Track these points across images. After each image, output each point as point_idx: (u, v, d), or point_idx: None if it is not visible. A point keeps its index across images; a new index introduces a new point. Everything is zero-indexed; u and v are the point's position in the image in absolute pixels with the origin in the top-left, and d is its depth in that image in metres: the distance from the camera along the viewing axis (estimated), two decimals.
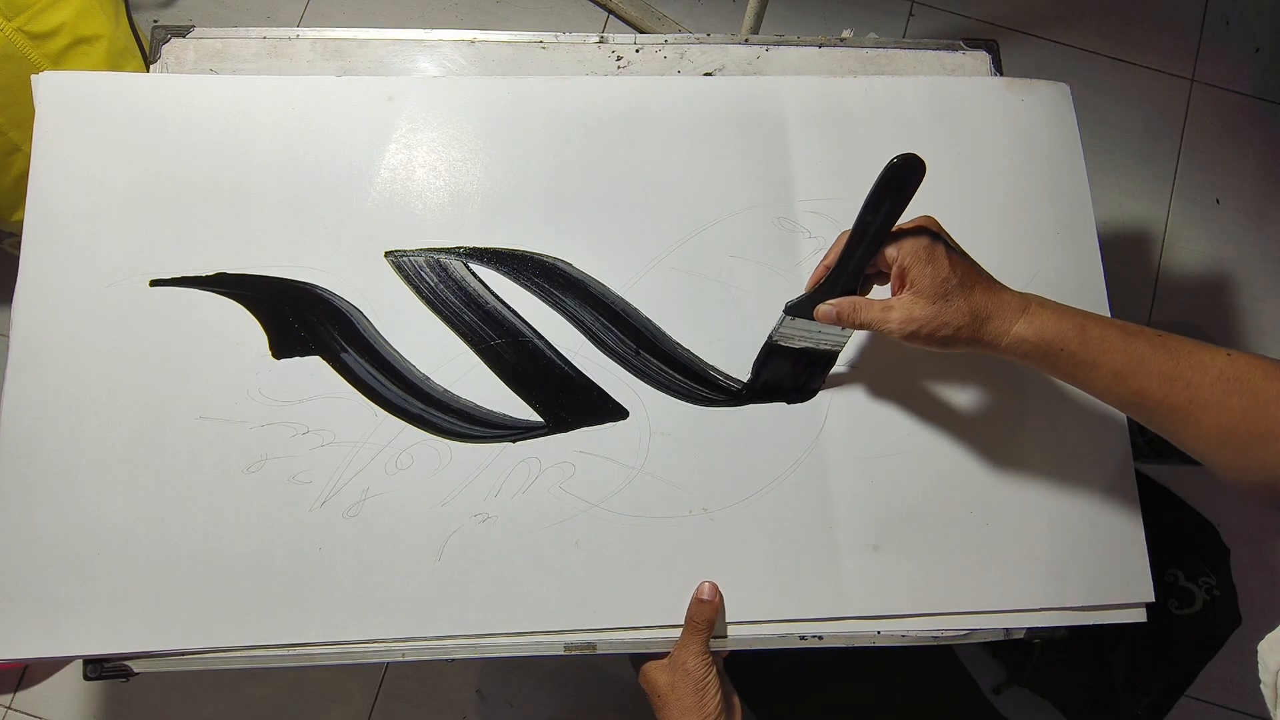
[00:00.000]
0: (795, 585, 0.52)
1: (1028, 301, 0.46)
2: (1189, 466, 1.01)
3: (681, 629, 0.51)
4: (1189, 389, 0.42)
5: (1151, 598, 0.54)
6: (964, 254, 0.48)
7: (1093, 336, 0.44)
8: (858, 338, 0.56)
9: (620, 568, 0.52)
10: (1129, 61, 1.28)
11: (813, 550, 0.53)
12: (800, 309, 0.51)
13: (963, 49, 0.64)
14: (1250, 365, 0.42)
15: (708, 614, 0.51)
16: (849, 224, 0.58)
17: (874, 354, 0.56)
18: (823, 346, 0.53)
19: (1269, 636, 0.32)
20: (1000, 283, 0.47)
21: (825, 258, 0.51)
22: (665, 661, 0.52)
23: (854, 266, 0.48)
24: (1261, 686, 0.32)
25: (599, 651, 0.52)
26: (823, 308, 0.50)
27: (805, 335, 0.52)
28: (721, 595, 0.52)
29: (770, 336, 0.53)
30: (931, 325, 0.46)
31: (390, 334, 0.54)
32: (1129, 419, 0.57)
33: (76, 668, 0.51)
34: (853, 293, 0.50)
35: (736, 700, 0.52)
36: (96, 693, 1.00)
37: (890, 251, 0.48)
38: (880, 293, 0.51)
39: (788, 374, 0.54)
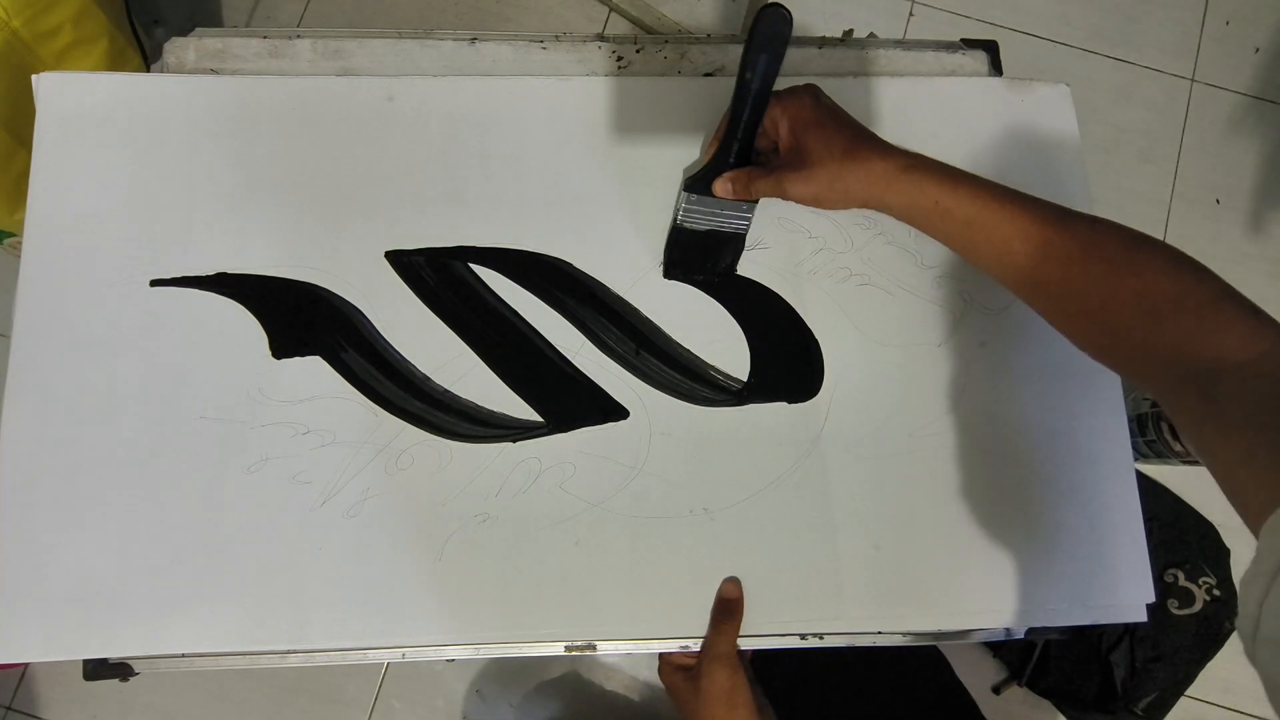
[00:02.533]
0: (795, 585, 0.52)
1: (905, 162, 0.46)
2: (1189, 466, 1.02)
3: (708, 628, 0.51)
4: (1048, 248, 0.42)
5: (1152, 597, 0.54)
6: (848, 117, 0.48)
7: (961, 198, 0.44)
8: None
9: (621, 568, 0.52)
10: (1129, 61, 1.28)
11: (813, 550, 0.53)
12: (697, 185, 0.50)
13: (962, 49, 0.64)
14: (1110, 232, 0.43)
15: (735, 613, 0.51)
16: (849, 224, 0.58)
17: (874, 354, 0.56)
18: (727, 229, 0.52)
19: (1249, 571, 0.32)
20: (882, 143, 0.47)
21: (717, 131, 0.50)
22: (692, 663, 0.52)
23: (743, 134, 0.48)
24: (1239, 620, 0.31)
25: (599, 652, 0.52)
26: (719, 183, 0.50)
27: (708, 216, 0.51)
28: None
29: (674, 218, 0.53)
30: (824, 193, 0.47)
31: (391, 334, 0.54)
32: (1129, 419, 0.57)
33: (76, 667, 0.51)
34: (748, 164, 0.49)
35: (767, 705, 0.52)
36: (96, 693, 1.00)
37: (776, 114, 0.48)
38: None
39: (698, 258, 0.54)
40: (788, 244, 0.58)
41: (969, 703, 0.68)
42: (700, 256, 0.54)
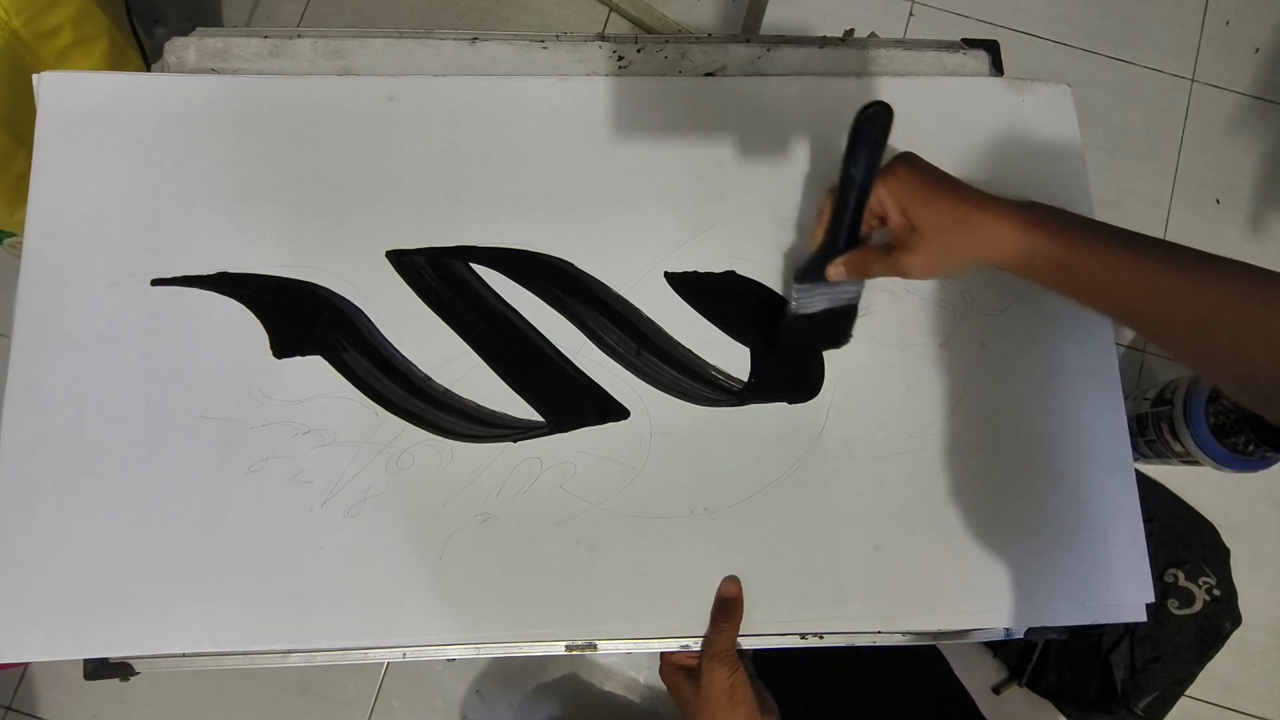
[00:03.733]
0: (795, 584, 0.52)
1: (1022, 222, 0.44)
2: (1189, 466, 1.02)
3: (708, 627, 0.51)
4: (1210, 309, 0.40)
5: (1152, 597, 0.54)
6: (952, 181, 0.47)
7: (1082, 254, 0.43)
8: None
9: (621, 567, 0.52)
10: (1129, 61, 1.28)
11: (813, 550, 0.53)
12: (810, 273, 0.50)
13: (963, 49, 0.64)
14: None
15: (735, 612, 0.51)
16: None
17: (875, 354, 0.56)
18: (841, 302, 0.53)
19: None
20: (993, 202, 0.46)
21: (820, 219, 0.50)
22: (693, 662, 0.52)
23: (850, 220, 0.48)
24: None
25: (599, 651, 0.52)
26: (832, 267, 0.50)
27: (821, 297, 0.52)
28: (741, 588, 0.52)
29: (788, 307, 0.53)
30: (943, 267, 0.47)
31: (391, 333, 0.54)
32: (1129, 419, 0.57)
33: (76, 667, 0.51)
34: (855, 244, 0.49)
35: (770, 699, 0.52)
36: (96, 693, 1.00)
37: (882, 194, 0.47)
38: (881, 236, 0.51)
39: (813, 335, 0.55)
40: (789, 244, 0.57)
41: (969, 703, 0.68)
42: (815, 334, 0.54)
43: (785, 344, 0.55)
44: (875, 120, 0.45)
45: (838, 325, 0.54)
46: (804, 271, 0.51)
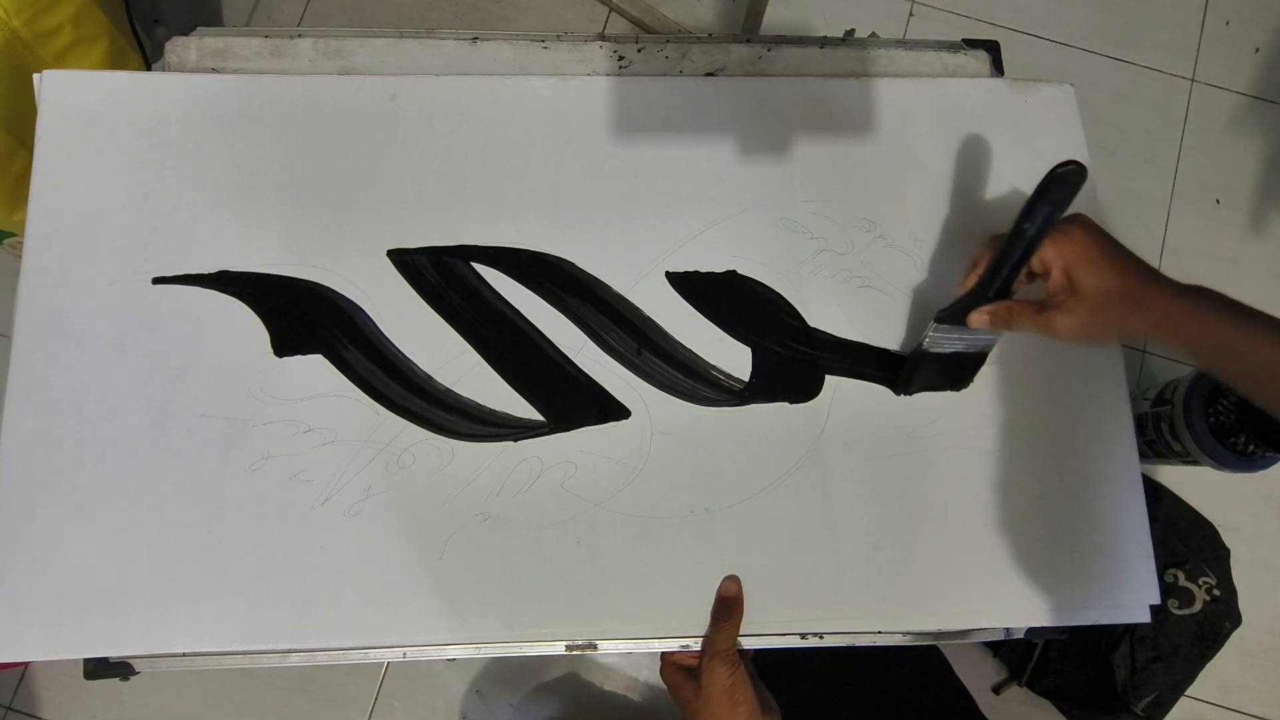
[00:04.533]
0: (795, 584, 0.52)
1: (1188, 305, 0.44)
2: (1189, 466, 1.02)
3: (708, 627, 0.51)
4: None
5: (1157, 598, 0.54)
6: (1124, 252, 0.46)
7: (1253, 343, 0.42)
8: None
9: (621, 567, 0.52)
10: (1129, 61, 1.28)
11: (813, 549, 0.53)
12: (953, 316, 0.50)
13: (963, 49, 0.64)
14: None
15: (735, 611, 0.51)
16: (850, 225, 0.58)
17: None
18: (974, 349, 0.52)
19: None
20: (1161, 280, 0.45)
21: (976, 263, 0.50)
22: (693, 662, 0.52)
23: (1009, 273, 0.48)
24: None
25: (600, 651, 0.52)
26: (977, 315, 0.49)
27: (956, 340, 0.51)
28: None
29: (921, 344, 0.52)
30: (1099, 335, 0.46)
31: (392, 332, 0.54)
32: (1133, 418, 0.57)
33: (76, 667, 0.51)
34: (1005, 295, 0.49)
35: (771, 698, 0.52)
36: (96, 693, 1.00)
37: (1049, 252, 0.47)
38: (1030, 289, 0.51)
39: (938, 378, 0.54)
40: (789, 245, 0.58)
41: (970, 702, 0.68)
42: (939, 375, 0.54)
43: (908, 379, 0.54)
44: (1067, 181, 0.44)
45: (963, 370, 0.54)
46: (947, 313, 0.50)
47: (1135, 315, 0.45)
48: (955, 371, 0.54)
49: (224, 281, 0.54)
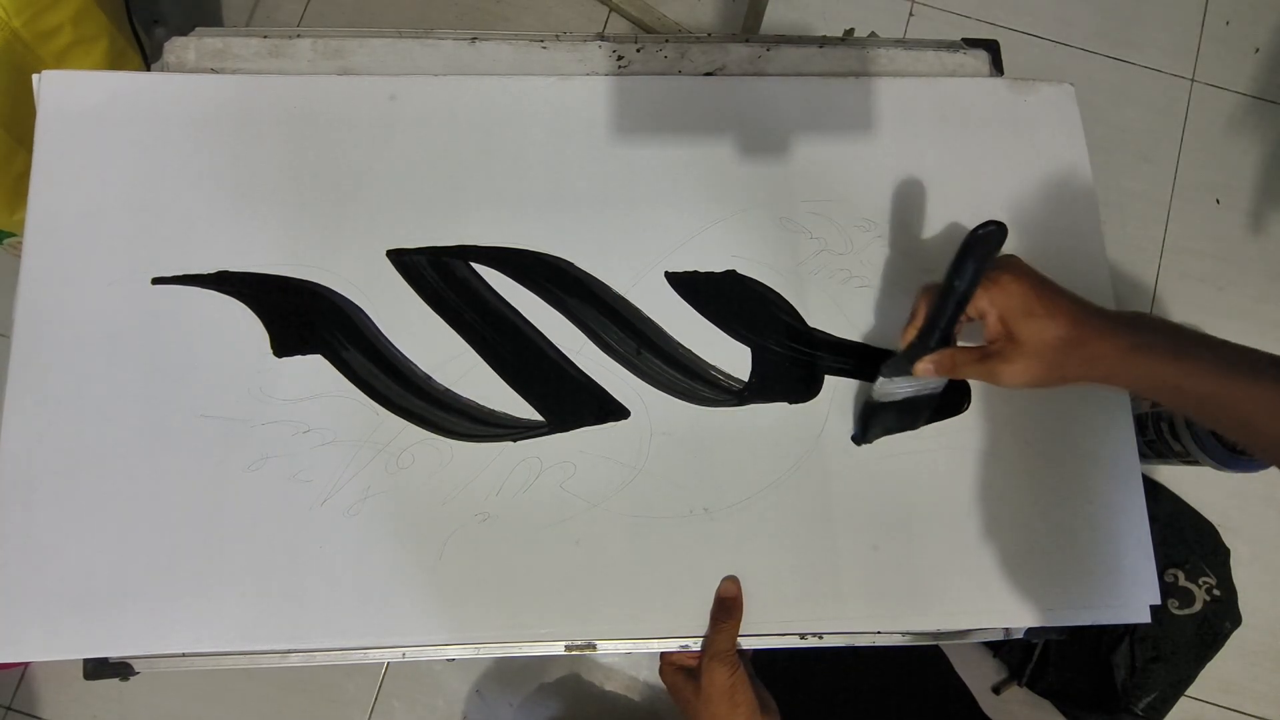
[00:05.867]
0: (795, 585, 0.52)
1: (1124, 345, 0.44)
2: (1189, 466, 1.02)
3: (707, 627, 0.51)
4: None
5: (1157, 599, 0.54)
6: (1057, 294, 0.47)
7: (1193, 377, 0.42)
8: None
9: (621, 567, 0.52)
10: (1129, 61, 1.28)
11: (812, 550, 0.53)
12: (898, 368, 0.50)
13: (963, 49, 0.64)
14: None
15: (734, 612, 0.51)
16: (850, 225, 0.58)
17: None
18: (924, 393, 0.53)
19: None
20: (1101, 319, 0.45)
21: (914, 315, 0.50)
22: (693, 663, 0.52)
23: (945, 325, 0.48)
24: None
25: (599, 651, 0.52)
26: (921, 365, 0.49)
27: (905, 389, 0.52)
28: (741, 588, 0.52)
29: (871, 396, 0.53)
30: (1041, 380, 0.46)
31: (392, 333, 0.54)
32: (1133, 418, 0.57)
33: (76, 667, 0.51)
34: (947, 343, 0.49)
35: (771, 699, 0.52)
36: (96, 693, 1.00)
37: (983, 301, 0.47)
38: (971, 330, 0.51)
39: (893, 422, 0.54)
40: (789, 245, 0.58)
41: (971, 702, 0.68)
42: (893, 420, 0.54)
43: (863, 429, 0.54)
44: (988, 241, 0.45)
45: (915, 412, 0.54)
46: (891, 366, 0.50)
47: (1074, 361, 0.45)
48: (909, 415, 0.54)
49: (223, 282, 0.54)
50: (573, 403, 0.54)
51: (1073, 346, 0.45)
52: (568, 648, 0.51)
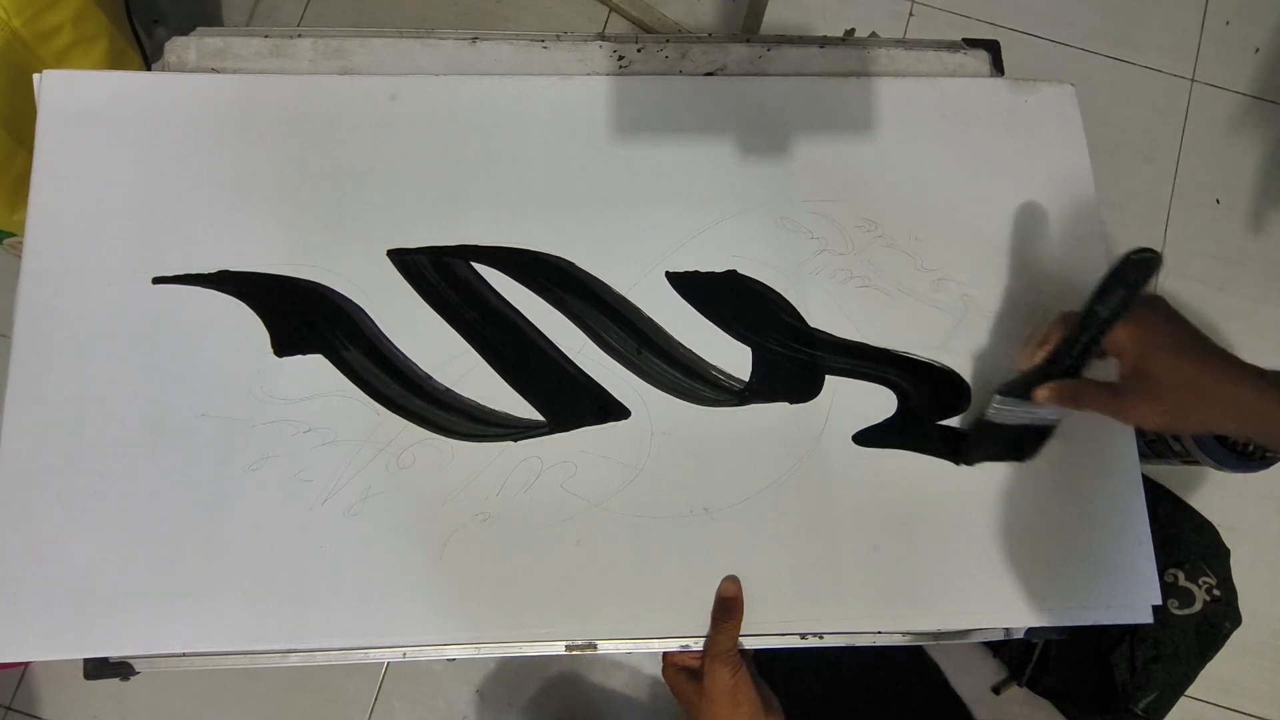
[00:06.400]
0: (795, 585, 0.52)
1: (1258, 392, 0.43)
2: (1189, 466, 1.02)
3: (709, 627, 0.51)
4: None
5: (1158, 599, 0.54)
6: (1200, 339, 0.46)
7: None
8: None
9: (621, 567, 0.52)
10: (1129, 61, 1.28)
11: (813, 550, 0.53)
12: (1016, 389, 0.48)
13: (963, 49, 0.64)
14: None
15: (735, 611, 0.51)
16: (851, 225, 0.58)
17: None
18: (1038, 423, 0.51)
19: None
20: (1236, 366, 0.44)
21: (1041, 337, 0.49)
22: (695, 663, 0.51)
23: (1079, 354, 0.47)
24: None
25: (599, 651, 0.52)
26: (1043, 391, 0.48)
27: (1020, 414, 0.50)
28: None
29: (984, 415, 0.51)
30: (1173, 424, 0.45)
31: (392, 332, 0.54)
32: None
33: (76, 667, 0.51)
34: (1073, 374, 0.48)
35: (774, 697, 0.52)
36: (96, 693, 1.00)
37: (1123, 336, 0.46)
38: (1100, 367, 0.50)
39: (999, 446, 0.53)
40: (790, 245, 0.58)
41: (960, 704, 0.68)
42: (1001, 446, 0.53)
43: (970, 449, 0.53)
44: (1144, 267, 0.44)
45: (1028, 443, 0.53)
46: (1010, 386, 0.49)
47: (1210, 407, 0.44)
48: (1017, 445, 0.53)
49: (224, 281, 0.54)
50: (573, 402, 0.54)
51: (1209, 396, 0.44)
52: (568, 648, 0.51)
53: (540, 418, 0.54)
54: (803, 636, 0.52)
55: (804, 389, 0.56)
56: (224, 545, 0.50)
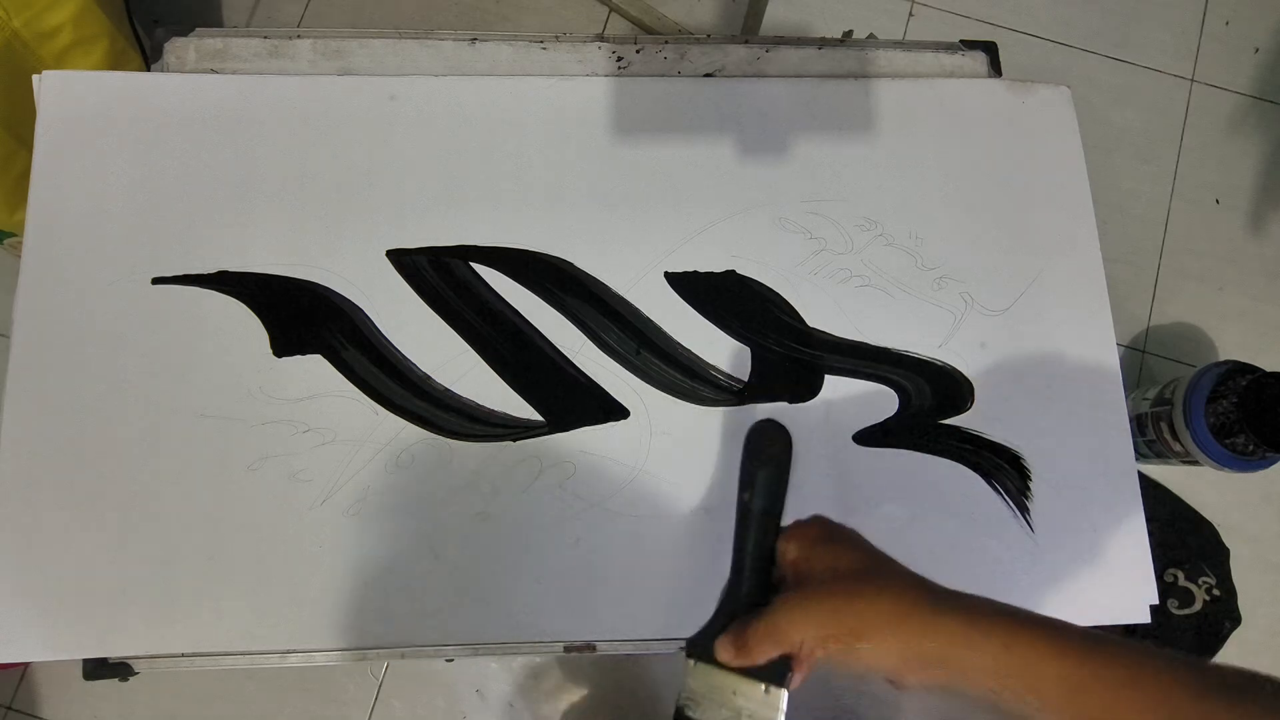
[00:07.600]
0: None
1: (940, 598, 0.38)
2: (1189, 466, 1.02)
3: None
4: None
5: (1155, 598, 0.54)
6: (863, 540, 0.39)
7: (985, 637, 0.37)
8: None
9: (620, 567, 0.52)
10: (1129, 61, 1.28)
11: None
12: (696, 647, 0.36)
13: (961, 50, 0.64)
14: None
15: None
16: (850, 225, 0.58)
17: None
18: None
19: None
20: (903, 568, 0.39)
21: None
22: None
23: (750, 566, 0.37)
24: None
25: (599, 651, 0.52)
26: (720, 644, 0.36)
27: (721, 703, 0.35)
28: None
29: (677, 703, 0.36)
30: (834, 631, 0.35)
31: (391, 332, 0.54)
32: (1129, 418, 0.57)
33: (76, 667, 0.51)
34: (760, 600, 0.37)
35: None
36: (96, 693, 1.00)
37: (783, 545, 0.39)
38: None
39: None
40: (789, 245, 0.58)
41: None
42: None
43: None
44: (760, 436, 0.38)
45: None
46: (693, 643, 0.37)
47: (873, 600, 0.37)
48: None
49: (223, 281, 0.54)
50: (573, 403, 0.54)
51: (871, 576, 0.38)
52: (567, 648, 0.51)
53: (539, 418, 0.54)
54: None
55: (803, 389, 0.56)
56: (223, 545, 0.50)
